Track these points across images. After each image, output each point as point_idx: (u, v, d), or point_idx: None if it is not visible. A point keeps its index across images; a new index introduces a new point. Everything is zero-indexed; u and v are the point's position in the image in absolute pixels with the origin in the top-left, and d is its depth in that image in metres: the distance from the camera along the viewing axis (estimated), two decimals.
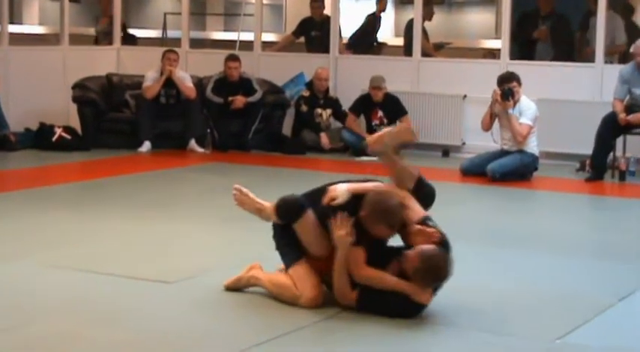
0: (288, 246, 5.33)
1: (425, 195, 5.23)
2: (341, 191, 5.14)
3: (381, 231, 5.04)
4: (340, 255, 5.06)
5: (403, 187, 5.20)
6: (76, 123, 11.55)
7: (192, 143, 11.32)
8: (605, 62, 10.97)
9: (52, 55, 12.39)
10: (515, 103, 9.75)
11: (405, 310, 4.97)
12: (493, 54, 12.76)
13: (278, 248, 5.42)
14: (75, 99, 11.52)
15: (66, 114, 11.91)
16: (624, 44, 11.47)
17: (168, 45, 13.00)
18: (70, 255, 6.29)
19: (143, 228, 7.19)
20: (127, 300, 5.32)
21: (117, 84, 11.92)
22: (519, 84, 9.81)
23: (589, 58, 11.36)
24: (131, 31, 14.65)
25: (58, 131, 11.22)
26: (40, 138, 11.24)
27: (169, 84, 11.43)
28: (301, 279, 5.20)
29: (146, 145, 11.19)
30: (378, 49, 13.65)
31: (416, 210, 5.11)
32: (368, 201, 5.02)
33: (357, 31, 13.39)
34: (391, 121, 11.34)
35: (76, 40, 13.24)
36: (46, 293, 5.40)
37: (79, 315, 5.01)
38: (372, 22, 13.44)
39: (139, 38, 14.39)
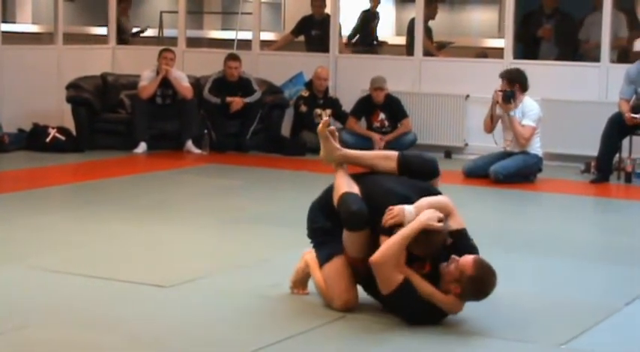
0: (324, 236, 5.26)
1: (419, 172, 5.23)
2: (408, 213, 4.94)
3: (420, 253, 4.97)
4: (410, 231, 4.88)
5: (391, 168, 5.20)
6: (70, 123, 11.54)
7: (189, 144, 11.31)
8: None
9: (46, 54, 12.39)
10: (516, 106, 9.76)
11: (429, 319, 4.94)
12: (485, 54, 12.76)
13: (312, 236, 5.36)
14: (69, 100, 11.51)
15: (60, 115, 11.91)
16: (625, 39, 11.49)
17: (164, 44, 12.99)
18: (65, 258, 6.29)
19: (139, 231, 7.19)
20: (123, 305, 5.32)
21: (112, 84, 11.91)
22: (522, 89, 9.79)
23: (588, 53, 11.37)
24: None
25: (52, 132, 11.21)
26: (34, 139, 11.22)
27: (166, 84, 11.43)
28: (332, 281, 5.16)
29: (142, 146, 11.18)
30: (379, 48, 13.66)
31: (455, 224, 5.05)
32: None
33: (354, 29, 13.41)
34: (392, 124, 11.35)
35: (71, 39, 13.24)
36: (40, 297, 5.40)
37: (73, 320, 5.01)
38: (368, 19, 13.46)
39: (134, 37, 14.37)
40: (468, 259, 4.86)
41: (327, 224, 5.29)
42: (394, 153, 5.34)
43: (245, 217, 7.78)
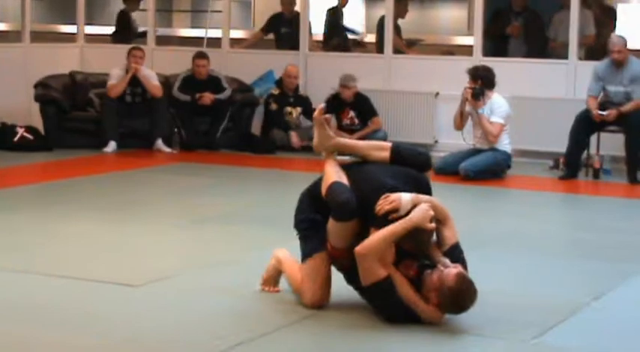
0: (309, 230, 5.23)
1: (411, 164, 5.23)
2: (405, 202, 4.95)
3: (409, 248, 4.98)
4: (401, 230, 4.89)
5: (383, 158, 5.20)
6: (38, 122, 11.47)
7: (159, 143, 11.28)
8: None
9: (13, 52, 12.32)
10: (484, 103, 9.80)
11: (403, 319, 4.93)
12: (452, 52, 12.80)
13: (298, 227, 5.31)
14: (37, 98, 11.45)
15: (28, 114, 11.83)
16: (593, 35, 11.56)
17: (133, 42, 12.94)
18: (33, 258, 6.26)
19: (109, 230, 7.16)
20: (93, 304, 5.30)
21: (81, 82, 11.86)
22: (489, 86, 9.82)
23: (556, 52, 11.44)
24: (94, 28, 14.58)
25: (20, 131, 11.14)
26: (1, 138, 11.14)
27: (135, 82, 11.39)
28: (308, 277, 5.17)
29: (111, 145, 11.14)
30: (349, 45, 13.67)
31: (450, 235, 5.09)
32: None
33: (326, 27, 13.42)
34: (362, 121, 11.37)
35: (39, 37, 13.16)
36: (8, 298, 5.37)
37: (42, 320, 4.99)
38: (334, 16, 13.47)
39: (103, 35, 14.31)
40: (451, 271, 4.86)
41: (314, 215, 5.26)
42: (388, 144, 5.35)
43: (215, 216, 7.77)
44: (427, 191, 5.17)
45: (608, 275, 6.12)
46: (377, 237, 4.89)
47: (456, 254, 5.05)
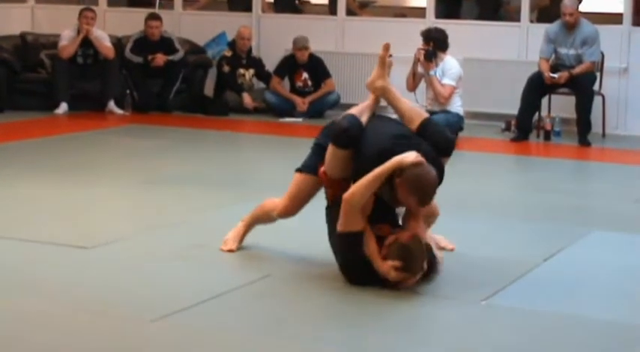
0: (319, 147, 5.27)
1: (434, 141, 5.17)
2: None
3: (409, 202, 4.95)
4: (383, 170, 4.87)
5: (413, 126, 5.18)
6: None
7: (111, 104, 11.18)
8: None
9: None
10: (437, 65, 9.79)
11: (360, 275, 4.95)
12: (403, 14, 12.76)
13: (315, 140, 5.36)
14: None
15: None
16: None
17: (85, 3, 12.78)
18: None
19: (59, 193, 7.09)
20: (42, 267, 5.25)
21: (32, 43, 11.72)
22: (442, 48, 9.81)
23: (511, 16, 11.45)
24: None
25: None
26: None
27: (86, 43, 11.26)
28: (290, 186, 5.29)
29: (63, 107, 11.03)
30: (301, 7, 13.58)
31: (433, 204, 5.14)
32: (410, 171, 4.85)
33: None
34: (315, 83, 11.33)
35: None
36: None
37: None
38: None
39: None
40: (408, 233, 4.92)
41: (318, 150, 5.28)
42: (424, 115, 5.30)
43: (167, 178, 7.72)
44: (438, 176, 5.08)
45: (559, 236, 6.17)
46: (362, 181, 4.92)
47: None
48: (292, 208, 5.34)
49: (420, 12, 11.77)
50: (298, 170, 5.35)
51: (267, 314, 4.62)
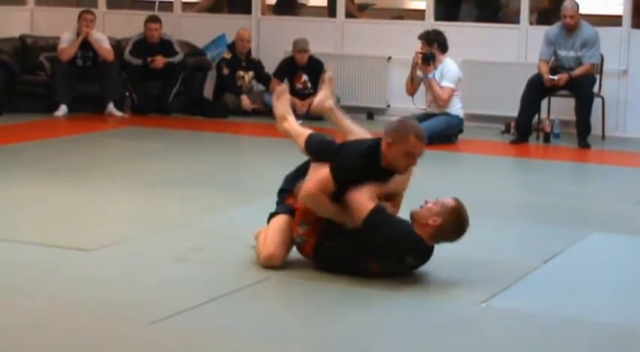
0: (281, 196, 5.41)
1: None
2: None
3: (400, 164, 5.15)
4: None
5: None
6: None
7: (111, 106, 11.18)
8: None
9: None
10: (435, 67, 9.79)
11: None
12: (401, 16, 12.76)
13: (279, 191, 5.49)
14: None
15: None
16: (546, 0, 11.60)
17: (84, 5, 12.78)
18: None
19: (60, 195, 7.09)
20: (43, 269, 5.25)
21: (31, 46, 11.73)
22: (442, 50, 9.82)
23: (511, 18, 11.46)
24: None
25: None
26: None
27: (86, 46, 11.26)
28: (269, 233, 5.25)
29: (62, 109, 11.03)
30: (300, 9, 13.59)
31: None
32: (397, 124, 5.19)
33: None
34: (315, 86, 11.33)
35: None
36: None
37: None
38: None
39: None
40: (448, 198, 5.09)
41: (290, 186, 5.39)
42: (369, 134, 5.44)
43: (167, 180, 7.72)
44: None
45: (559, 238, 6.16)
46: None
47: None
48: (277, 253, 5.20)
49: (419, 14, 11.77)
50: (271, 217, 5.34)
51: (266, 317, 4.62)
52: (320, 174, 5.06)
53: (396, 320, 4.60)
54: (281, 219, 5.28)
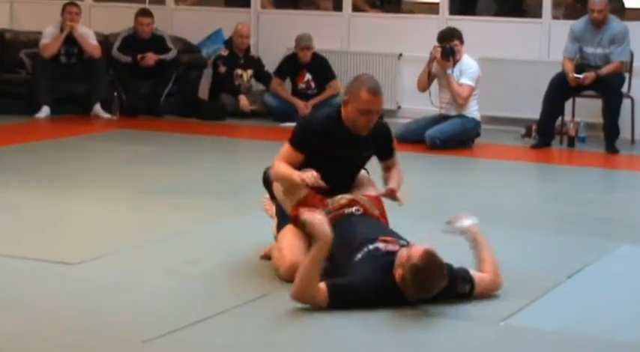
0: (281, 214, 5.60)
1: None
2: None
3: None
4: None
5: None
6: None
7: (97, 107, 11.21)
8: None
9: None
10: (455, 63, 9.80)
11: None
12: (411, 10, 12.77)
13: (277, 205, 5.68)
14: None
15: None
16: None
17: None
18: None
19: (43, 204, 7.11)
20: (24, 283, 5.26)
21: (10, 41, 11.77)
22: (461, 42, 9.87)
23: (531, 10, 11.47)
24: None
25: None
26: None
27: (70, 41, 11.30)
28: (286, 244, 5.31)
29: (44, 110, 11.06)
30: (303, 3, 13.62)
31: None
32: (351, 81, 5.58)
33: None
34: (319, 85, 11.35)
35: None
36: None
37: None
38: None
39: None
40: (419, 248, 4.91)
41: None
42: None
43: (158, 187, 7.74)
44: None
45: (584, 251, 6.17)
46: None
47: None
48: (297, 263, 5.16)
49: (432, 8, 11.79)
50: (284, 225, 5.44)
51: (264, 336, 4.63)
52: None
53: (405, 341, 4.60)
54: (294, 229, 5.34)
